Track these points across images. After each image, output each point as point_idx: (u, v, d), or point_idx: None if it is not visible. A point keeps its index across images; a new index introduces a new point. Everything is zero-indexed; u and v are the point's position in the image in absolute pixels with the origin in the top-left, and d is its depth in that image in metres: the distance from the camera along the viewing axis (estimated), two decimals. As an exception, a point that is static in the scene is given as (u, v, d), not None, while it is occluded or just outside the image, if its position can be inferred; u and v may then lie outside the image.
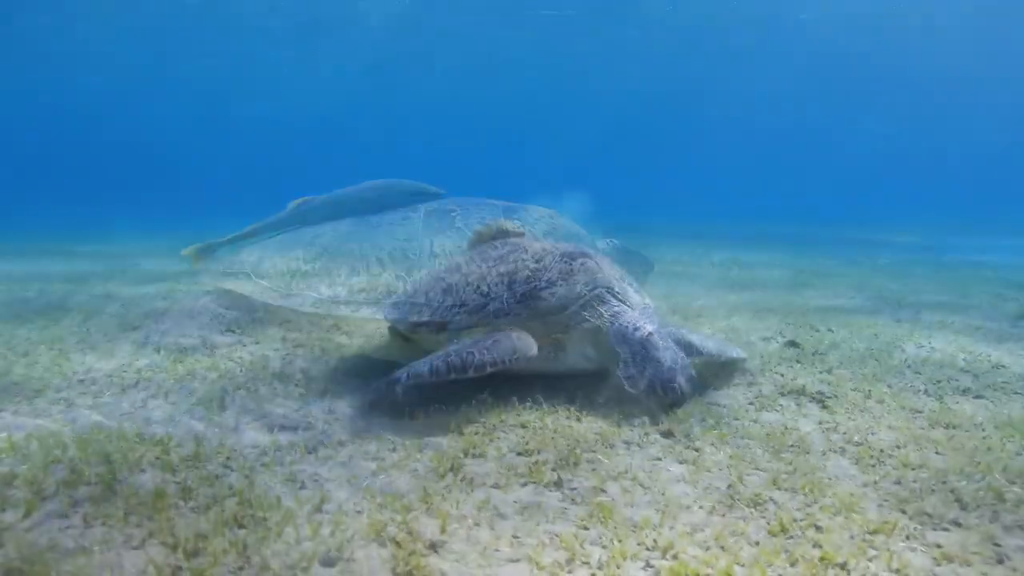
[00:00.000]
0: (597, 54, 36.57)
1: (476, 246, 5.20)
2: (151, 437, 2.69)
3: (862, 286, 8.58)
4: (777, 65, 38.30)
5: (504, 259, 4.00)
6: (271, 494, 2.14)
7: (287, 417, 3.18)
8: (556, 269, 3.77)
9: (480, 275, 3.92)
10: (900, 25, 31.92)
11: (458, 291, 3.92)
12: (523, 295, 3.68)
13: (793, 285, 8.74)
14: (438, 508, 2.12)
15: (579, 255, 3.91)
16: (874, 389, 3.86)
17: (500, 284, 3.78)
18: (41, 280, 7.69)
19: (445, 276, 4.26)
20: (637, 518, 2.04)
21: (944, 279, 9.31)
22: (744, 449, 2.85)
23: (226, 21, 31.42)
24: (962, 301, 7.32)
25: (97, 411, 3.17)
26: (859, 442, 2.98)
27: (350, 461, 2.62)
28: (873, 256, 12.54)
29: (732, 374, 4.18)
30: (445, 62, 38.74)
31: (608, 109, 51.58)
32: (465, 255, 4.66)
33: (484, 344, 3.30)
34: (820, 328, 5.84)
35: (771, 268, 10.59)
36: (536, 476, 2.40)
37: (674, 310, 6.61)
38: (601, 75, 40.44)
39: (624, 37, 34.26)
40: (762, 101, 46.14)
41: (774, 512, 2.15)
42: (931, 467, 2.61)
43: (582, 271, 3.77)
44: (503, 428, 2.99)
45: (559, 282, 3.70)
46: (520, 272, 3.80)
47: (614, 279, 3.84)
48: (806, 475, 2.53)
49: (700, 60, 37.28)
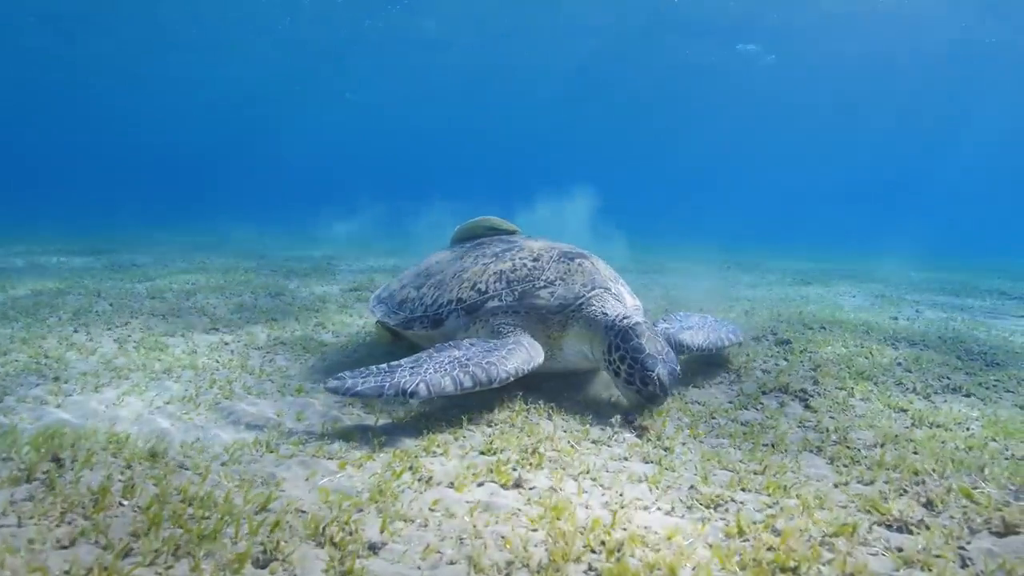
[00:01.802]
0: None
1: (462, 242, 5.14)
2: (107, 435, 2.66)
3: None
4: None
5: (501, 256, 3.92)
6: (218, 493, 2.09)
7: (256, 415, 3.14)
8: (555, 268, 3.71)
9: (476, 272, 3.84)
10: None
11: (452, 287, 3.84)
12: (522, 293, 3.61)
13: (793, 284, 8.62)
14: (387, 509, 2.07)
15: (577, 255, 3.85)
16: (859, 387, 3.78)
17: (498, 281, 3.71)
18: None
19: (436, 271, 4.18)
20: (589, 519, 1.98)
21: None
22: (716, 448, 2.78)
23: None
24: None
25: (66, 410, 3.14)
26: (836, 441, 2.91)
27: (311, 460, 2.57)
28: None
29: (717, 372, 4.11)
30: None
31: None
32: (456, 250, 4.59)
33: (499, 354, 3.17)
34: (813, 326, 5.75)
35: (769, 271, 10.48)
36: (495, 476, 2.35)
37: (674, 305, 6.54)
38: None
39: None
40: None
41: (734, 514, 2.09)
42: (906, 467, 2.53)
43: (580, 271, 3.71)
44: (471, 426, 2.94)
45: (558, 282, 3.63)
46: (518, 270, 3.73)
47: (610, 280, 3.78)
48: (775, 475, 2.46)
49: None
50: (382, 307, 4.28)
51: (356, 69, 37.77)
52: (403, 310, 4.04)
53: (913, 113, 41.09)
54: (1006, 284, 11.87)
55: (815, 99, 40.79)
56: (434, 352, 3.30)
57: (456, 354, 3.24)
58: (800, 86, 38.47)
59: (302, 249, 13.72)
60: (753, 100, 41.71)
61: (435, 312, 3.81)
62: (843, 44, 31.54)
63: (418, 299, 4.00)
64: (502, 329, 3.54)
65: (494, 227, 5.09)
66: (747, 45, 33.41)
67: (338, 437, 2.82)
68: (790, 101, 41.92)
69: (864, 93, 38.74)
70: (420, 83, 40.53)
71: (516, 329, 3.51)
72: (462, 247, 4.74)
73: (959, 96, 37.17)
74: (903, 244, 21.03)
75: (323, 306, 6.44)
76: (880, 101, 39.65)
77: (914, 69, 33.64)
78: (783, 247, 22.97)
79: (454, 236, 5.24)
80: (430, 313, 3.83)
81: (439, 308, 3.81)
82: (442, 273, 4.10)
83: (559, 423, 3.01)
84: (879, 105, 40.27)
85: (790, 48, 33.32)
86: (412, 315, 3.93)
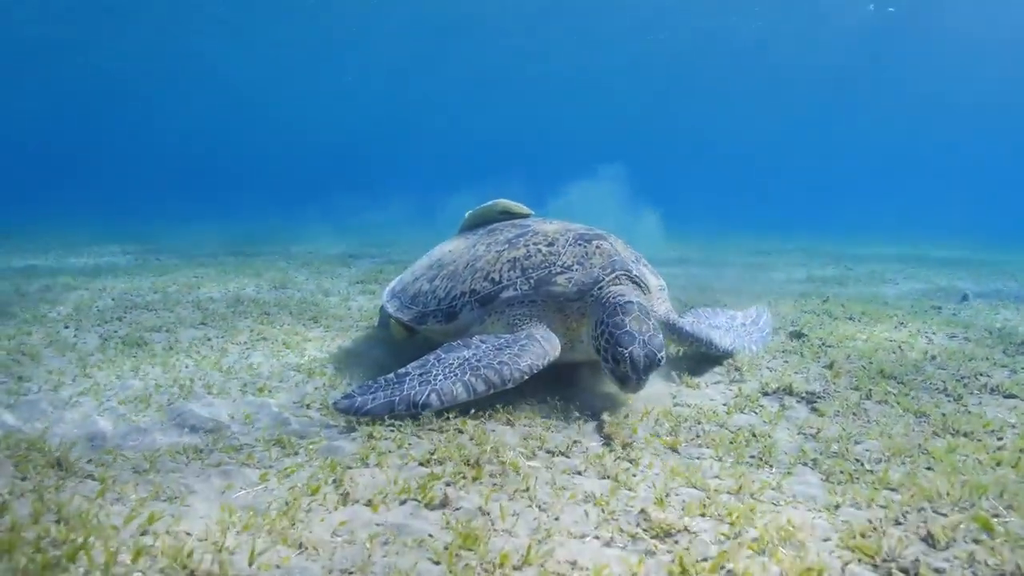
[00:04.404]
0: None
1: (475, 228, 4.85)
2: (26, 441, 2.50)
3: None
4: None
5: (514, 243, 3.67)
6: (98, 511, 1.88)
7: (206, 417, 2.94)
8: (571, 252, 3.46)
9: (489, 260, 3.60)
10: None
11: (465, 278, 3.61)
12: (538, 281, 3.36)
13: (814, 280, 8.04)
14: (284, 532, 1.82)
15: (594, 237, 3.59)
16: (878, 387, 3.34)
17: (512, 270, 3.46)
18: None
19: (449, 262, 3.96)
20: (506, 549, 1.69)
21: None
22: (691, 461, 2.44)
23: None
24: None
25: (13, 411, 3.02)
26: (836, 453, 2.51)
27: (237, 469, 2.35)
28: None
29: (716, 368, 3.72)
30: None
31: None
32: (469, 237, 4.33)
33: (511, 351, 2.98)
34: (839, 317, 5.25)
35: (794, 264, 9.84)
36: (421, 493, 2.07)
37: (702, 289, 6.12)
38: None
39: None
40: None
41: (684, 547, 1.75)
42: (913, 487, 2.13)
43: (599, 253, 3.44)
44: (422, 431, 2.67)
45: (575, 266, 3.38)
46: (533, 256, 3.48)
47: (631, 261, 3.50)
48: (751, 495, 2.11)
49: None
50: (395, 302, 4.07)
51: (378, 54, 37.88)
52: (416, 304, 3.82)
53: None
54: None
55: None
56: (442, 354, 3.10)
57: (465, 355, 3.03)
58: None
59: (328, 240, 13.71)
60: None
61: (448, 305, 3.57)
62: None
63: (431, 292, 3.78)
64: (518, 321, 3.30)
65: (507, 211, 4.81)
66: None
67: (276, 443, 2.60)
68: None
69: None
70: (453, 67, 40.45)
71: (532, 320, 3.28)
72: (475, 233, 4.49)
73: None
74: (958, 224, 19.72)
75: (324, 299, 6.28)
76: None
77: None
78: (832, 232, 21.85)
79: (466, 221, 4.98)
80: (443, 307, 3.60)
81: (452, 301, 3.57)
82: (454, 263, 3.86)
83: (520, 429, 2.71)
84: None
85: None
86: (425, 309, 3.70)
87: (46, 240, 13.00)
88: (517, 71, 40.79)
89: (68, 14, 27.87)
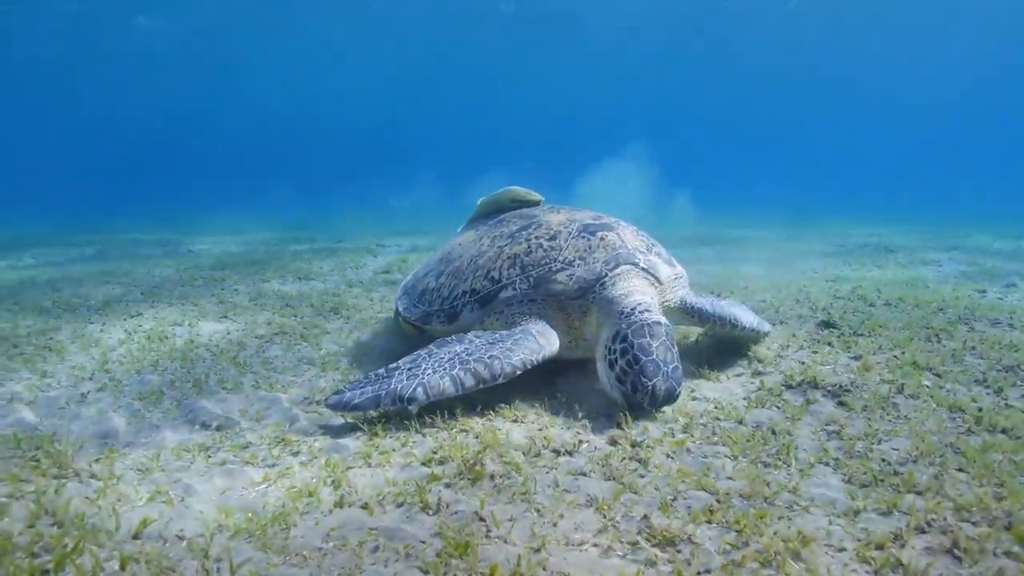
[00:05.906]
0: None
1: (486, 217, 4.77)
2: (38, 440, 2.53)
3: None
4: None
5: (516, 237, 3.58)
6: (93, 513, 1.88)
7: (215, 414, 2.95)
8: (573, 246, 3.34)
9: (491, 257, 3.52)
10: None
11: (467, 276, 3.55)
12: (537, 279, 3.26)
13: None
14: (273, 539, 1.79)
15: (600, 227, 3.45)
16: (912, 379, 3.15)
17: (512, 267, 3.37)
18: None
19: (456, 257, 3.90)
20: (497, 558, 1.62)
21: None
22: (703, 461, 2.33)
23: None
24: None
25: (33, 407, 3.08)
26: (860, 453, 2.37)
27: (240, 468, 2.34)
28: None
29: (738, 361, 3.58)
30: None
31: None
32: (479, 229, 4.26)
33: (504, 345, 2.90)
34: (876, 303, 5.01)
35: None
36: (418, 495, 2.02)
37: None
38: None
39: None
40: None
41: (686, 557, 1.66)
42: (941, 492, 1.99)
43: (602, 246, 3.32)
44: (426, 430, 2.62)
45: (577, 262, 3.26)
46: (533, 252, 3.38)
47: (639, 252, 3.36)
48: (765, 499, 2.00)
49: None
50: (405, 299, 4.03)
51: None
52: (423, 303, 3.77)
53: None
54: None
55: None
56: (434, 348, 3.03)
57: (456, 349, 2.95)
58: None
59: (364, 228, 13.81)
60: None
61: (451, 306, 3.52)
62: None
63: (436, 290, 3.72)
64: (518, 321, 3.20)
65: (518, 199, 4.73)
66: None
67: (280, 442, 2.59)
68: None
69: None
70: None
71: (532, 319, 3.17)
72: (484, 223, 4.42)
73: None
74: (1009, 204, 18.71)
75: (347, 290, 6.30)
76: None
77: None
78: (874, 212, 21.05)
79: (478, 210, 4.91)
80: (446, 307, 3.54)
81: (454, 301, 3.51)
82: (460, 259, 3.78)
83: (526, 428, 2.64)
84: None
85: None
86: (430, 308, 3.65)
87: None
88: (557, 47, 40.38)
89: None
